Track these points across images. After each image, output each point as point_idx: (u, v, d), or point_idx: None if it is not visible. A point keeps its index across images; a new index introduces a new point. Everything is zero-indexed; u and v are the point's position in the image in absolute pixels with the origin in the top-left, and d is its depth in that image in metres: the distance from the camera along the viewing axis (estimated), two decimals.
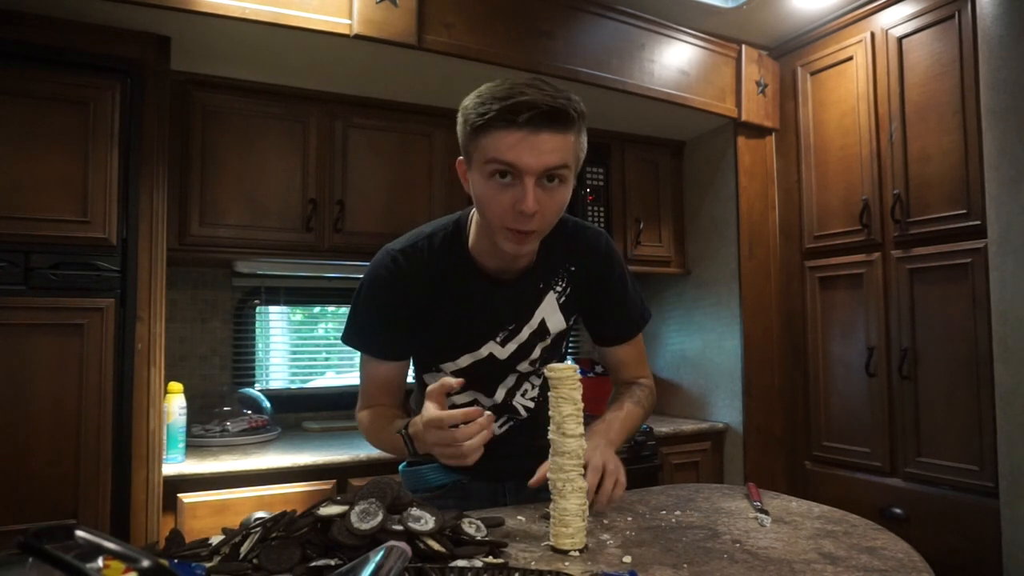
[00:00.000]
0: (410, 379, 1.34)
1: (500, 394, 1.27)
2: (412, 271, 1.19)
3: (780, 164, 2.86)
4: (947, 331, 2.20)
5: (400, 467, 1.41)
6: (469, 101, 1.06)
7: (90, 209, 1.77)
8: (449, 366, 1.25)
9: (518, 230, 1.06)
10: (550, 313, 1.26)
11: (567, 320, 1.28)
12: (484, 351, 1.23)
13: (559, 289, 1.26)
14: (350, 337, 1.26)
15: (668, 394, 3.13)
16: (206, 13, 1.81)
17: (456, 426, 1.01)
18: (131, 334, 1.80)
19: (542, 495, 1.28)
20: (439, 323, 1.22)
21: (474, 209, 1.20)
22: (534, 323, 1.24)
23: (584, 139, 1.09)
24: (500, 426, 1.29)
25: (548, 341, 1.27)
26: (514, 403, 1.29)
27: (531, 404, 1.31)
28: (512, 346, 1.24)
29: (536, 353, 1.27)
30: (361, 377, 1.29)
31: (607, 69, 2.42)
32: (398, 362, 1.27)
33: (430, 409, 1.04)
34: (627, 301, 1.34)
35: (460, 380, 1.08)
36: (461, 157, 1.12)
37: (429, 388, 1.09)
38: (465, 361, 1.24)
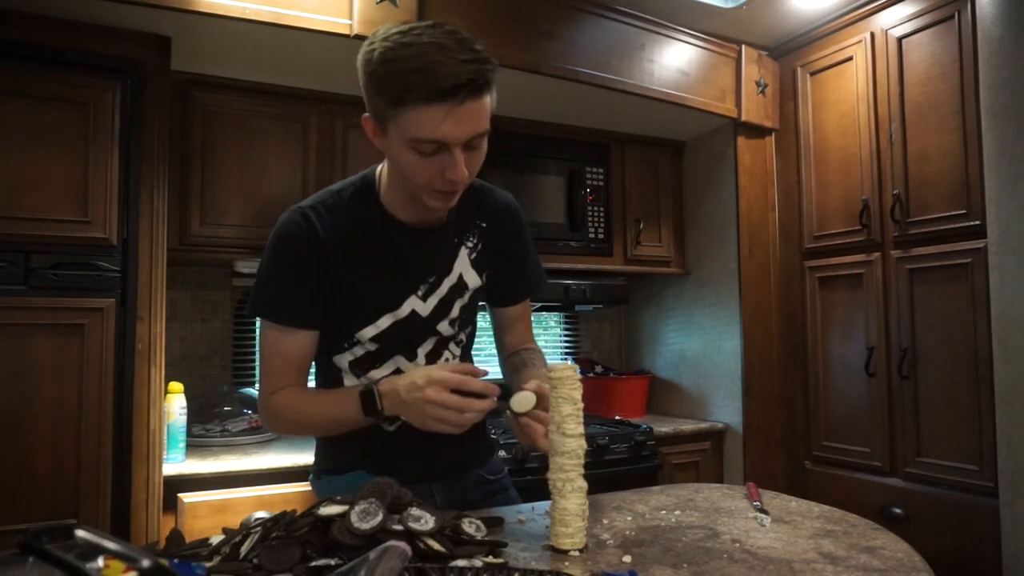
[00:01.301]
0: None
1: (421, 358, 1.23)
2: (323, 226, 1.14)
3: (780, 164, 2.86)
4: (947, 331, 2.20)
5: (310, 478, 1.33)
6: (375, 66, 0.99)
7: (90, 209, 1.77)
8: (368, 331, 1.18)
9: (447, 191, 1.07)
10: (465, 268, 1.25)
11: (480, 276, 1.28)
12: (406, 308, 1.18)
13: (470, 245, 1.26)
14: (259, 307, 1.16)
15: (668, 394, 3.13)
16: (206, 13, 1.81)
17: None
18: (131, 334, 1.80)
19: (468, 496, 1.26)
20: (357, 280, 1.16)
21: (382, 165, 1.19)
22: (453, 276, 1.23)
23: (495, 90, 1.04)
24: None
25: (466, 299, 1.26)
26: None
27: None
28: (433, 300, 1.21)
29: (455, 312, 1.24)
30: (266, 357, 1.17)
31: (607, 69, 2.42)
32: (310, 332, 1.17)
33: (439, 371, 1.04)
34: (530, 260, 1.36)
35: (486, 370, 1.07)
36: (367, 115, 1.07)
37: (455, 366, 1.06)
38: (385, 322, 1.18)
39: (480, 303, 1.33)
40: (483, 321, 1.38)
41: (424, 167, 1.03)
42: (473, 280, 1.26)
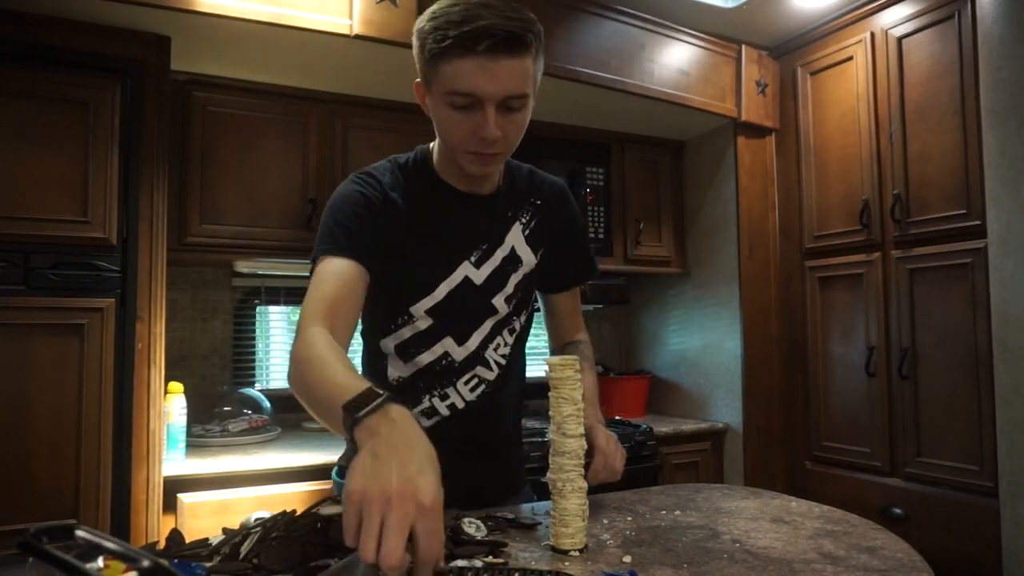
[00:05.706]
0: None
1: (475, 341, 1.22)
2: (381, 185, 1.16)
3: (780, 164, 2.86)
4: (947, 331, 2.20)
5: (333, 473, 1.35)
6: (424, 24, 1.04)
7: (90, 209, 1.77)
8: (425, 303, 1.17)
9: (481, 152, 1.08)
10: (519, 243, 1.26)
11: (535, 254, 1.28)
12: (459, 274, 1.19)
13: (524, 220, 1.27)
14: (318, 245, 1.10)
15: (668, 394, 3.13)
16: (206, 13, 1.80)
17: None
18: (131, 334, 1.80)
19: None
20: (412, 246, 1.17)
21: (436, 140, 1.20)
22: (506, 248, 1.23)
23: (541, 62, 1.08)
24: (471, 390, 1.23)
25: (520, 275, 1.25)
26: (486, 355, 1.24)
27: (502, 360, 1.26)
28: (487, 269, 1.21)
29: (510, 287, 1.23)
30: (315, 284, 1.06)
31: (607, 69, 2.42)
32: (359, 268, 1.08)
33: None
34: (586, 246, 1.40)
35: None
36: (418, 80, 1.11)
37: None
38: (442, 292, 1.18)
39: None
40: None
41: (458, 123, 1.06)
42: (527, 256, 1.26)
